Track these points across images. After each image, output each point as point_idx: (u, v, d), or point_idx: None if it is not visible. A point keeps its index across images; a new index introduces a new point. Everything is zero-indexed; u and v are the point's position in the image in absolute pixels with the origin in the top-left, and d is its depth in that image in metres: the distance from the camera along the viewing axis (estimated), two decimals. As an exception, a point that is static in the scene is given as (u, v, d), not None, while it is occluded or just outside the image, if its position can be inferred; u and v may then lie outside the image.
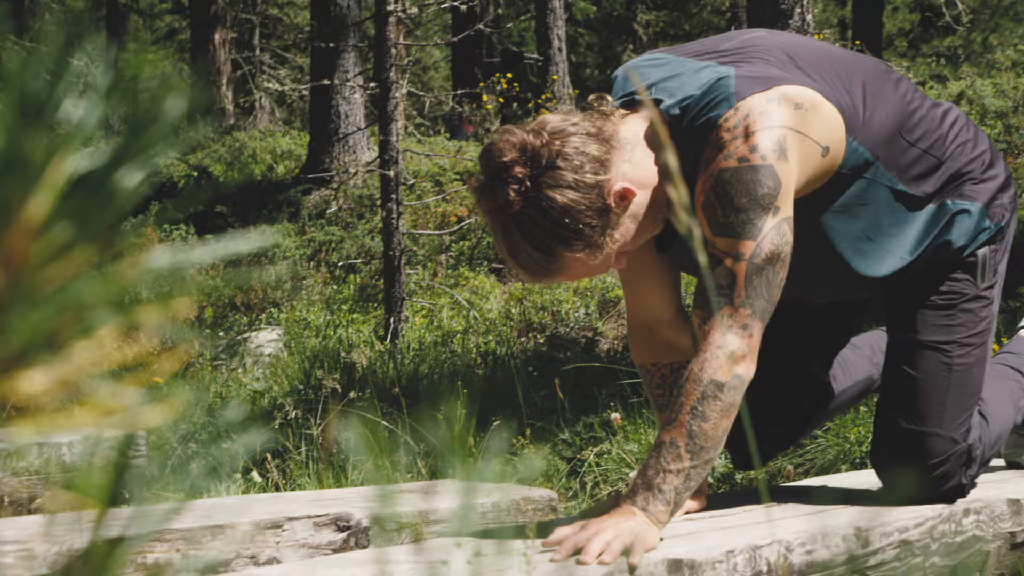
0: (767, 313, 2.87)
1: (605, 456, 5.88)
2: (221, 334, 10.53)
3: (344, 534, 3.60)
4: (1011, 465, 4.00)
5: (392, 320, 10.09)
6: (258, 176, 17.84)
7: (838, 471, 5.20)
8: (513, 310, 10.49)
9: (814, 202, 3.05)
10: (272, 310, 11.66)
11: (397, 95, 10.18)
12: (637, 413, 6.18)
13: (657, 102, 2.95)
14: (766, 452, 3.71)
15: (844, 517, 3.10)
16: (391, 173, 10.06)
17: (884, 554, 3.02)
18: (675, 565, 2.62)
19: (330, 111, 15.97)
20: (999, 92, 13.44)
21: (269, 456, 6.15)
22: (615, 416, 6.03)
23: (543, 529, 2.79)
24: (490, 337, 9.81)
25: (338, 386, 6.91)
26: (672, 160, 1.65)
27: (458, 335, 10.01)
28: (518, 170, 2.74)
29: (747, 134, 2.85)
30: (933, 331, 3.30)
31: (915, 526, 3.12)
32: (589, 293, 10.45)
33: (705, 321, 2.84)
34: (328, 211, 14.76)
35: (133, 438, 0.55)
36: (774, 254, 2.86)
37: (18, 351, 0.51)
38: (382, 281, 10.77)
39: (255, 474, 5.98)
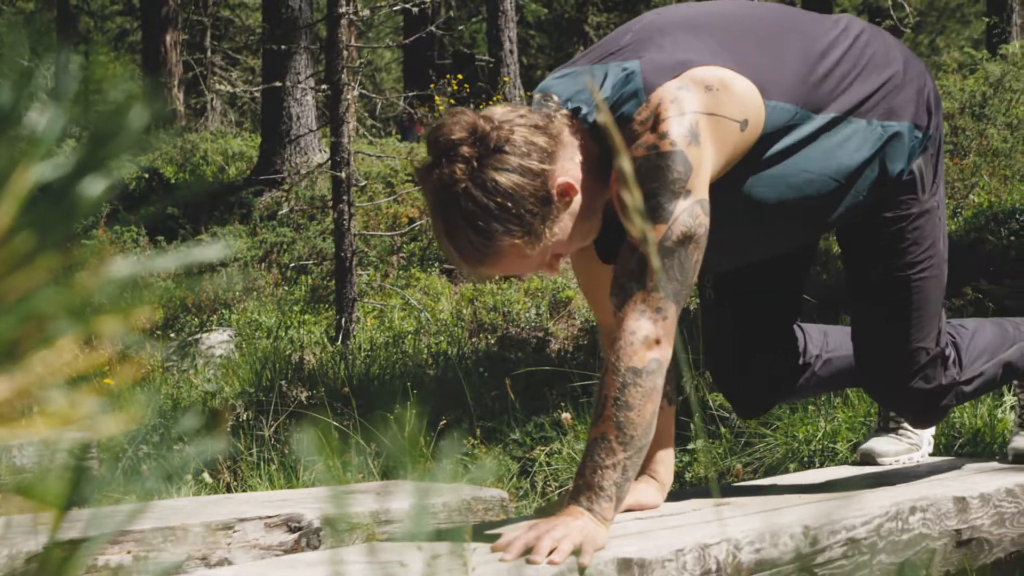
0: (681, 295, 2.90)
1: (556, 456, 5.90)
2: (172, 336, 10.50)
3: (295, 535, 3.60)
4: (864, 460, 4.09)
5: (343, 321, 10.08)
6: (209, 178, 17.77)
7: (787, 470, 5.23)
8: (464, 311, 10.50)
9: (748, 164, 3.10)
10: (223, 311, 11.63)
11: (348, 97, 10.18)
12: (587, 413, 6.19)
13: (576, 111, 2.98)
14: (764, 402, 3.79)
15: (792, 516, 3.12)
16: (343, 174, 10.06)
17: (832, 552, 3.05)
18: (625, 564, 2.64)
19: (281, 113, 15.93)
20: (946, 94, 13.51)
21: (220, 458, 6.14)
22: (565, 416, 6.04)
23: (490, 530, 2.80)
24: (441, 338, 9.82)
25: (289, 387, 6.91)
26: (627, 163, 1.66)
27: (409, 336, 10.00)
28: (465, 149, 2.76)
29: (656, 123, 2.88)
30: (886, 258, 3.40)
31: (862, 524, 3.15)
32: (540, 294, 10.47)
33: (619, 307, 2.87)
34: (279, 212, 14.72)
35: (89, 444, 0.56)
36: (686, 236, 2.88)
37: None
38: (333, 282, 10.76)
39: (206, 476, 5.96)
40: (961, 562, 3.42)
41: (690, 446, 5.71)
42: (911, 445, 4.05)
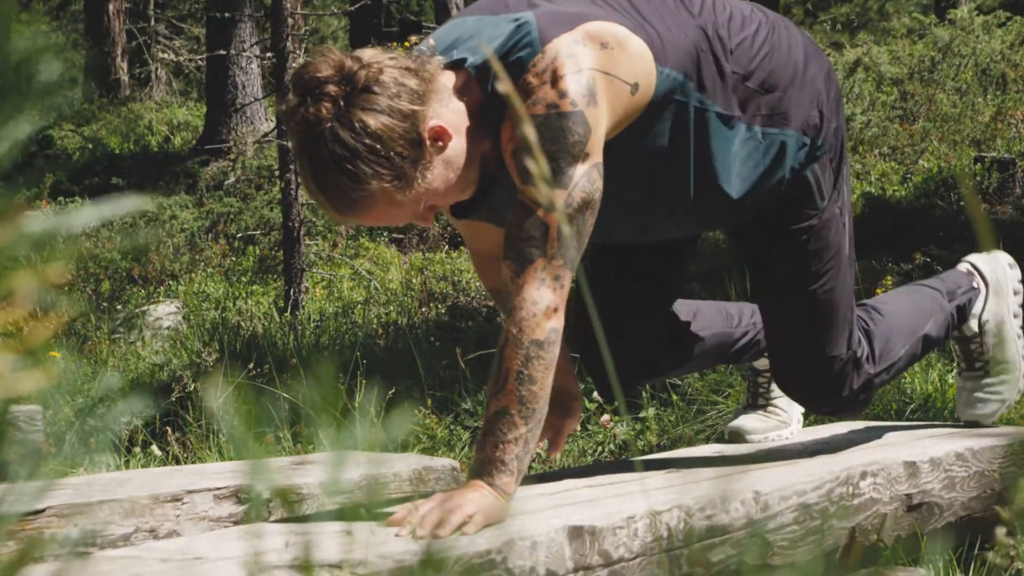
0: (576, 262, 2.84)
1: (507, 425, 5.88)
2: (119, 307, 10.43)
3: (245, 506, 3.57)
4: (733, 438, 4.01)
5: (292, 291, 10.04)
6: (155, 147, 17.67)
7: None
8: (414, 280, 10.47)
9: (633, 135, 3.02)
10: (170, 282, 11.56)
11: (294, 65, 10.11)
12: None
13: (462, 61, 2.89)
14: (629, 381, 3.74)
15: (744, 481, 3.12)
16: (289, 144, 10.00)
17: (783, 517, 3.04)
18: (576, 532, 2.62)
19: (227, 82, 15.83)
20: (895, 59, 13.57)
21: (169, 429, 6.10)
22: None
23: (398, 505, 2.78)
24: (391, 308, 9.79)
25: (238, 358, 6.87)
26: (530, 132, 1.64)
27: (359, 306, 9.97)
28: (332, 88, 2.66)
29: (555, 79, 2.79)
30: (790, 273, 3.35)
31: (813, 489, 3.15)
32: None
33: (518, 274, 2.80)
34: (226, 182, 14.64)
35: (8, 403, 0.53)
36: (585, 202, 2.82)
37: None
38: (281, 252, 10.71)
39: (155, 448, 5.93)
40: (912, 526, 3.42)
41: (641, 414, 5.70)
42: (780, 422, 3.96)
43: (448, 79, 2.85)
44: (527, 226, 2.80)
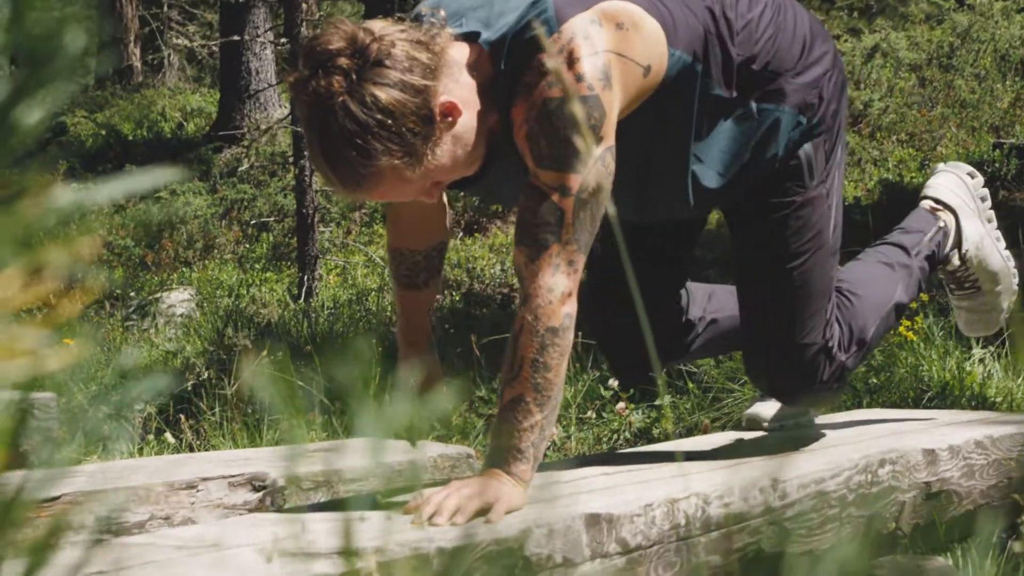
0: (589, 245, 2.83)
1: (521, 412, 5.87)
2: (132, 294, 10.44)
3: (259, 494, 3.57)
4: (750, 425, 3.96)
5: (306, 278, 10.03)
6: (168, 134, 17.67)
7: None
8: (428, 268, 10.44)
9: (639, 116, 3.00)
10: (184, 270, 11.57)
11: (308, 51, 10.09)
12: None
13: (474, 35, 2.85)
14: (643, 365, 3.66)
15: (761, 469, 3.11)
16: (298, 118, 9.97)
17: (801, 505, 3.03)
18: (593, 519, 2.61)
19: (240, 68, 15.82)
20: (913, 44, 13.53)
21: (183, 417, 6.10)
22: (531, 372, 6.01)
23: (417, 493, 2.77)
24: (405, 295, 9.76)
25: (250, 345, 6.87)
26: (579, 111, 1.62)
27: (373, 293, 9.96)
28: (344, 61, 2.61)
29: (571, 61, 2.77)
30: (768, 247, 3.31)
31: (831, 477, 3.13)
32: (505, 250, 10.44)
33: (532, 260, 2.77)
34: (240, 169, 14.64)
35: (36, 381, 0.52)
36: (600, 186, 2.80)
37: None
38: (295, 239, 10.71)
39: (169, 435, 5.93)
40: (930, 514, 3.41)
41: (657, 402, 5.69)
42: (797, 409, 3.94)
43: (458, 52, 2.81)
44: (542, 211, 2.78)
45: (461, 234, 11.74)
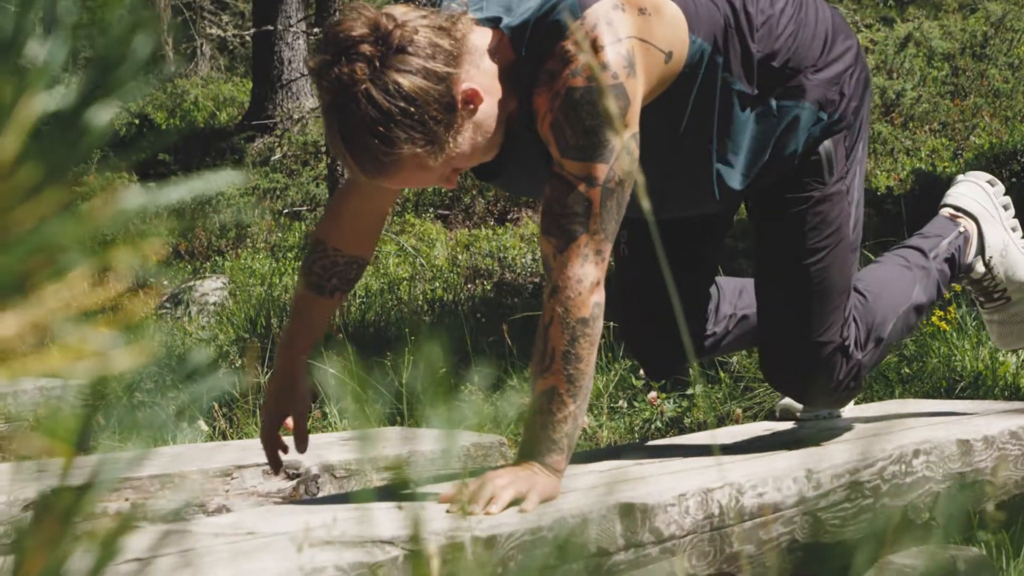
0: (615, 234, 2.83)
1: (554, 401, 5.87)
2: (165, 283, 10.48)
3: (294, 482, 3.59)
4: (784, 416, 3.94)
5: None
6: (200, 123, 17.72)
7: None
8: (460, 257, 10.48)
9: (659, 107, 2.98)
10: (217, 258, 11.60)
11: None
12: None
13: (496, 20, 2.83)
14: (675, 363, 3.66)
15: (795, 459, 3.12)
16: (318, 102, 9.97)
17: (835, 495, 3.04)
18: (627, 509, 2.62)
19: (273, 57, 15.83)
20: (946, 34, 13.48)
21: (216, 405, 6.13)
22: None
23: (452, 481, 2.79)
24: (437, 284, 9.79)
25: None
26: (613, 106, 1.62)
27: (404, 282, 9.98)
28: (367, 48, 2.58)
29: (595, 49, 2.75)
30: (785, 243, 3.27)
31: (865, 467, 3.14)
32: (536, 239, 10.44)
33: (561, 250, 2.77)
34: (272, 158, 14.66)
35: (104, 381, 0.54)
36: (626, 174, 2.79)
37: (-13, 294, 0.50)
38: (327, 228, 10.71)
39: (203, 423, 5.95)
40: (965, 505, 3.41)
41: (689, 391, 5.69)
42: None
43: (479, 38, 2.79)
44: (570, 202, 2.77)
45: (492, 223, 11.75)
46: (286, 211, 12.87)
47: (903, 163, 10.52)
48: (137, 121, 17.53)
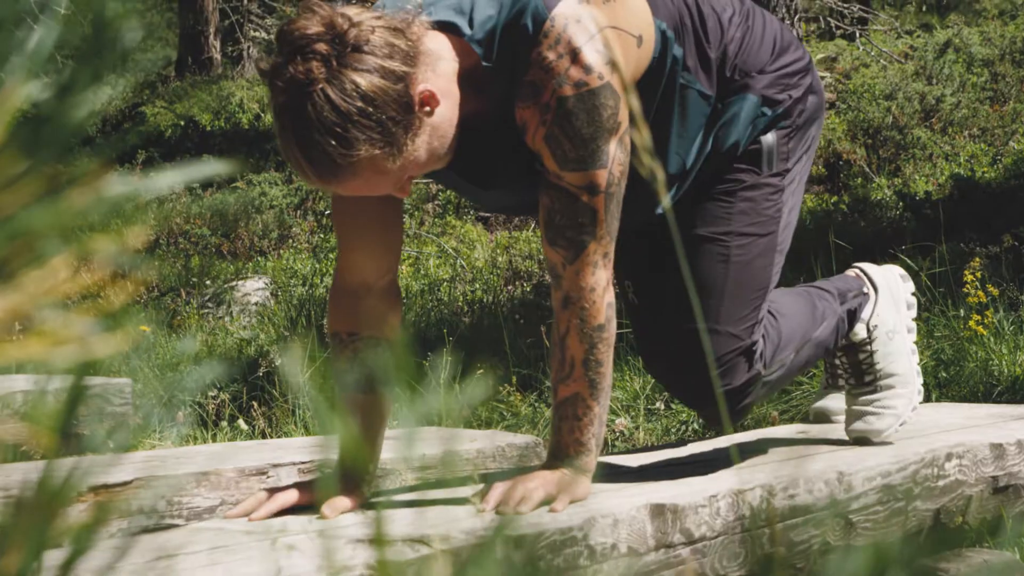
0: (616, 234, 2.80)
1: (591, 403, 5.88)
2: (208, 283, 10.52)
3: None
4: (817, 419, 3.81)
5: (380, 268, 10.07)
6: (245, 125, 17.78)
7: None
8: (500, 258, 10.48)
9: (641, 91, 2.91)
10: (259, 259, 11.65)
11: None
12: (623, 360, 6.18)
13: (448, 24, 2.74)
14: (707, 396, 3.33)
15: (827, 462, 3.11)
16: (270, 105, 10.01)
17: (866, 498, 3.03)
18: (658, 509, 2.63)
19: (317, 59, 15.87)
20: (986, 40, 13.41)
21: (255, 404, 6.16)
22: (601, 363, 6.01)
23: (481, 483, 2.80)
24: (476, 285, 9.80)
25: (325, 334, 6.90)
26: (635, 103, 1.58)
27: (445, 283, 10.00)
28: (322, 46, 2.48)
29: (574, 53, 2.68)
30: (708, 223, 3.12)
31: (898, 470, 3.13)
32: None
33: (571, 261, 2.75)
34: (315, 160, 14.67)
35: (87, 368, 0.54)
36: (622, 174, 2.76)
37: (-31, 280, 0.51)
38: (369, 230, 10.75)
39: (241, 422, 5.98)
40: (997, 509, 3.40)
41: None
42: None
43: (433, 41, 2.69)
44: (575, 213, 2.75)
45: (533, 225, 11.75)
46: (328, 212, 12.90)
47: (942, 168, 10.47)
48: (183, 123, 17.60)
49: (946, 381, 5.41)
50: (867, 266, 3.67)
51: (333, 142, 2.50)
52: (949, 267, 6.44)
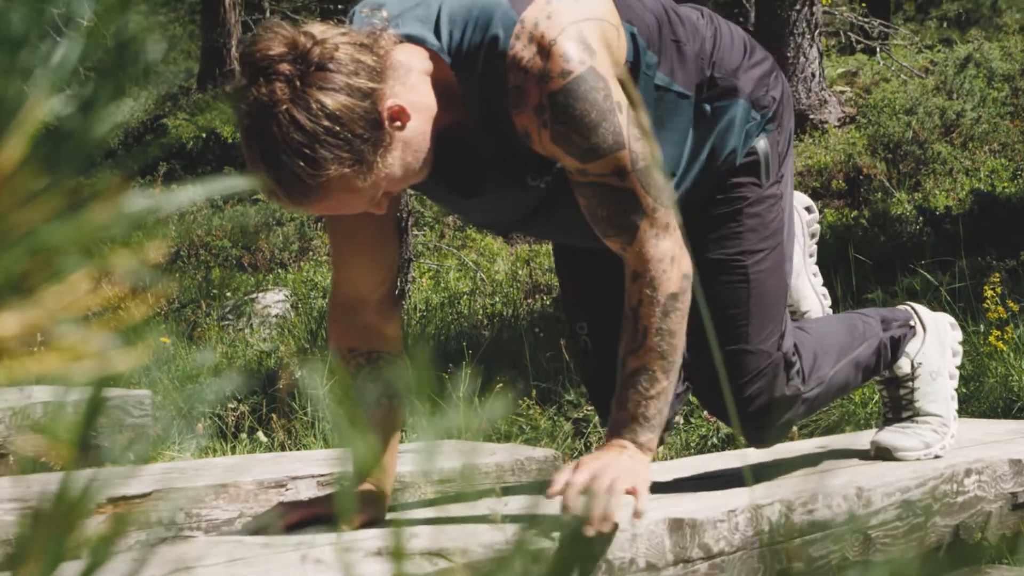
0: (670, 202, 2.73)
1: (610, 417, 5.87)
2: (228, 295, 10.54)
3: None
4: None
5: (399, 281, 10.08)
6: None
7: (842, 432, 5.21)
8: (520, 272, 10.49)
9: None
10: (279, 271, 11.67)
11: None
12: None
13: (416, 37, 2.68)
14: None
15: (846, 477, 3.11)
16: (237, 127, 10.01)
17: (886, 514, 3.03)
18: (676, 524, 2.63)
19: (338, 72, 15.90)
20: (1007, 55, 13.41)
21: (275, 416, 6.17)
22: (620, 377, 6.00)
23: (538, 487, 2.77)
24: (497, 298, 9.81)
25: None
26: (644, 118, 1.59)
27: (465, 296, 10.01)
28: (285, 67, 2.43)
29: (548, 47, 2.61)
30: (720, 245, 3.10)
31: (917, 486, 3.13)
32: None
33: (629, 243, 2.69)
34: (335, 172, 14.70)
35: (106, 381, 0.55)
36: (644, 147, 2.68)
37: (-11, 295, 0.51)
38: (389, 242, 10.76)
39: (260, 434, 5.99)
40: (1017, 525, 3.39)
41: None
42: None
43: (402, 54, 2.64)
44: (614, 201, 2.69)
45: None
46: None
47: (962, 183, 10.47)
48: (204, 135, 17.65)
49: (966, 397, 5.39)
50: (919, 307, 3.65)
51: (301, 163, 2.46)
52: (969, 282, 6.43)
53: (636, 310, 2.68)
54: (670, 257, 2.68)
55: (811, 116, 12.63)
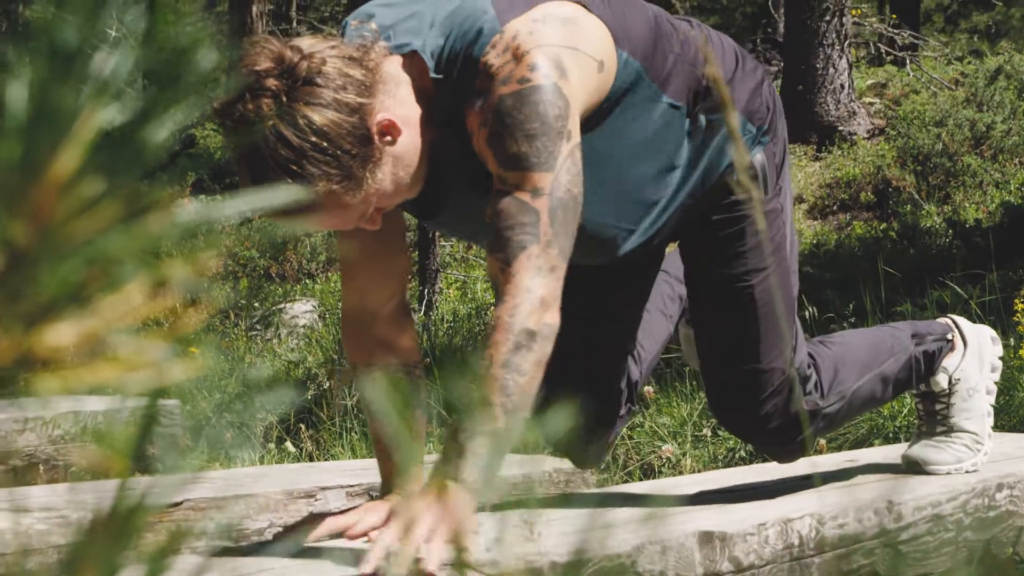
0: (569, 255, 2.53)
1: (637, 429, 5.87)
2: (256, 305, 10.57)
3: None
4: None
5: (426, 292, 10.10)
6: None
7: (871, 445, 5.19)
8: (547, 283, 10.48)
9: (591, 128, 2.74)
10: (307, 281, 11.69)
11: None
12: (670, 386, 6.17)
13: (408, 48, 2.63)
14: (599, 449, 3.38)
15: (877, 490, 3.10)
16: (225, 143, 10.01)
17: (916, 528, 3.02)
18: (706, 537, 2.62)
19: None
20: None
21: (303, 426, 6.18)
22: (648, 389, 6.02)
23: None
24: (523, 310, 9.80)
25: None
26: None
27: (491, 307, 10.01)
28: (272, 82, 2.39)
29: (520, 55, 2.54)
30: (726, 265, 3.03)
31: (948, 500, 3.12)
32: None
33: (509, 263, 2.48)
34: (363, 183, 14.73)
35: (161, 392, 0.55)
36: (573, 185, 2.54)
37: (45, 304, 0.51)
38: (416, 253, 10.79)
39: (289, 444, 6.00)
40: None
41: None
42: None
43: (393, 66, 2.60)
44: (515, 213, 2.51)
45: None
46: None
47: (992, 196, 10.44)
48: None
49: (996, 411, 5.36)
50: (961, 320, 3.59)
51: (289, 179, 2.41)
52: (999, 295, 6.41)
53: (489, 336, 2.46)
54: (540, 297, 2.46)
55: (840, 128, 12.62)
